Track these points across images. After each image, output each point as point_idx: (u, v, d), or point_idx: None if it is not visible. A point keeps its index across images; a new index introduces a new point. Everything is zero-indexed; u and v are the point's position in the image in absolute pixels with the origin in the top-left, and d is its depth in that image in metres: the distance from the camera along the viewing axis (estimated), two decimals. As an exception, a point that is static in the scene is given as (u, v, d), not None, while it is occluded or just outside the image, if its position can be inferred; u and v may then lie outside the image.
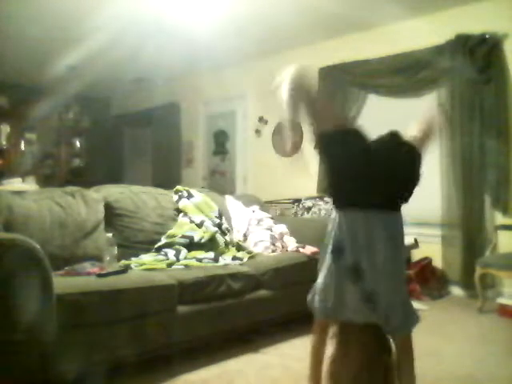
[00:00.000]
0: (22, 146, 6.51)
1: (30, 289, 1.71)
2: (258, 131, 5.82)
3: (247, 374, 2.27)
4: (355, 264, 1.53)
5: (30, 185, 5.56)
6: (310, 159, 2.42)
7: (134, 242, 2.86)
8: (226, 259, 2.92)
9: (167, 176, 6.48)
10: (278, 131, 5.62)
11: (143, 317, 2.18)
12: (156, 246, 2.89)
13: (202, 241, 3.00)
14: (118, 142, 7.64)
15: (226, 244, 3.18)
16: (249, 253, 3.10)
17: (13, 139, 6.37)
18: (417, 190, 1.61)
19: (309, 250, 3.17)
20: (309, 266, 3.11)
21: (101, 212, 2.78)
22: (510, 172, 3.85)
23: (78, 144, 7.24)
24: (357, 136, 1.61)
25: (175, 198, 3.30)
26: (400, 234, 1.62)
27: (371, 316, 1.53)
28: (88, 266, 2.34)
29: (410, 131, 1.77)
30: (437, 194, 4.13)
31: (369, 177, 1.54)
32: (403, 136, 1.66)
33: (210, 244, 3.05)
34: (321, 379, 1.72)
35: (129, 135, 7.66)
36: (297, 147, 2.22)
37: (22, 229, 2.29)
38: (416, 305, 3.63)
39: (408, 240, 4.14)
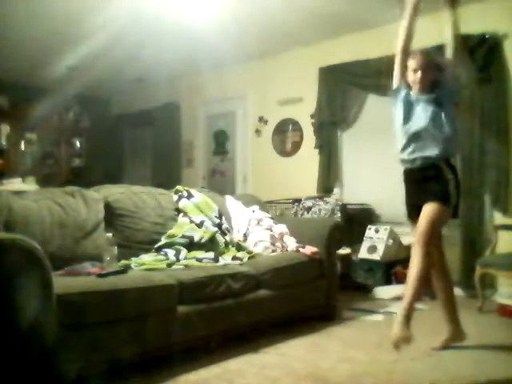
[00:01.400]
0: (22, 146, 6.50)
1: (30, 289, 1.71)
2: (258, 131, 5.83)
3: (247, 373, 2.27)
4: None
5: (29, 185, 5.56)
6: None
7: (134, 241, 2.86)
8: (226, 259, 2.92)
9: (167, 176, 6.48)
10: (277, 131, 5.63)
11: (143, 317, 2.18)
12: (156, 246, 2.89)
13: (202, 241, 3.00)
14: (118, 142, 7.63)
15: (226, 244, 3.19)
16: (249, 253, 3.10)
17: (13, 139, 6.36)
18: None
19: (309, 249, 3.17)
20: (309, 266, 3.12)
21: (101, 212, 2.78)
22: (510, 172, 3.85)
23: (77, 144, 7.23)
24: None
25: (175, 198, 3.30)
26: None
27: None
28: (88, 266, 2.34)
29: None
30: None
31: None
32: None
33: (210, 244, 3.05)
34: None
35: (129, 135, 7.65)
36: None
37: (22, 229, 2.29)
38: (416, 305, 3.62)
39: (408, 240, 4.15)
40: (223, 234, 3.24)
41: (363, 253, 4.29)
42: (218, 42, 4.81)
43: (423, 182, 2.50)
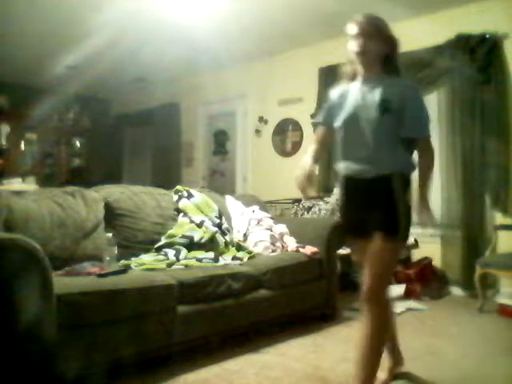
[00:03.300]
0: (22, 146, 6.50)
1: (30, 289, 1.71)
2: (258, 131, 5.82)
3: (247, 373, 2.27)
4: None
5: (29, 185, 5.56)
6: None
7: (134, 242, 2.86)
8: (226, 259, 2.92)
9: (167, 176, 6.48)
10: (277, 131, 5.63)
11: (143, 317, 2.19)
12: (156, 246, 2.89)
13: (202, 241, 3.00)
14: (118, 142, 7.63)
15: (226, 244, 3.18)
16: (249, 253, 3.10)
17: (13, 139, 6.37)
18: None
19: (309, 249, 3.17)
20: (309, 266, 3.12)
21: (101, 212, 2.78)
22: (510, 172, 3.85)
23: (78, 144, 7.24)
24: None
25: (175, 198, 3.30)
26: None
27: None
28: (88, 266, 2.34)
29: None
30: (437, 193, 4.13)
31: None
32: None
33: (210, 244, 3.05)
34: None
35: (129, 135, 7.65)
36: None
37: (22, 229, 2.29)
38: (416, 305, 3.63)
39: (408, 240, 4.15)
40: (223, 234, 3.24)
41: (363, 253, 4.28)
42: (218, 42, 4.81)
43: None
